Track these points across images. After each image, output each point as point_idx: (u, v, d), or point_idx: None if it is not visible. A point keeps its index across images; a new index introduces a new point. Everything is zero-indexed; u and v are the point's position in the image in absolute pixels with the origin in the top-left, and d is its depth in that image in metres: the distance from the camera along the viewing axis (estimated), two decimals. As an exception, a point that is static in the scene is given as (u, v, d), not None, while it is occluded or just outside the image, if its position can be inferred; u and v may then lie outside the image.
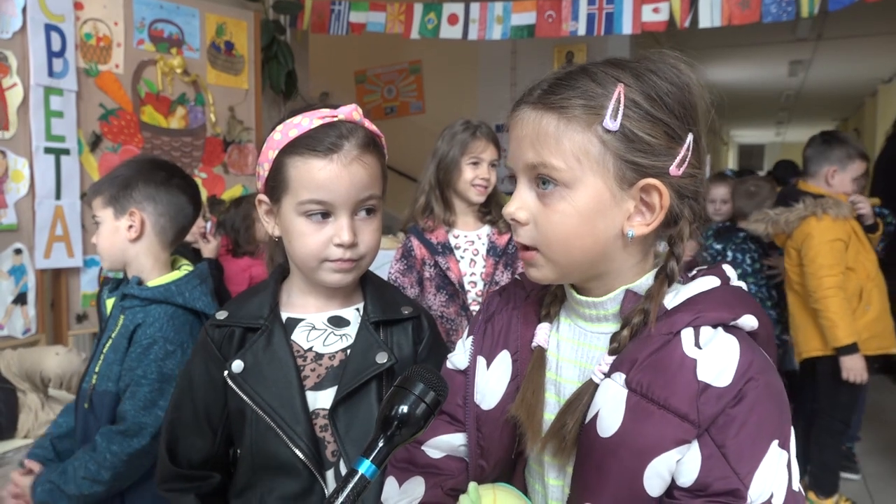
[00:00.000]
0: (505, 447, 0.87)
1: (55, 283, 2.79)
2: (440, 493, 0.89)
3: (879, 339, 2.73)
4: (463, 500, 0.79)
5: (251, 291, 1.13)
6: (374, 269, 1.11)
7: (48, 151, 2.70)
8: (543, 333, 0.85)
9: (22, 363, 2.21)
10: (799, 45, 6.65)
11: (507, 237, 2.09)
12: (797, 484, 0.73)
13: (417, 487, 0.90)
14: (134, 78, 3.03)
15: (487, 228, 2.13)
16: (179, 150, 3.21)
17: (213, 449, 1.08)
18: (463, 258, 2.09)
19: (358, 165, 0.99)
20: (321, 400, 1.03)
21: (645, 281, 0.79)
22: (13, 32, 2.60)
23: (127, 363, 1.37)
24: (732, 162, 15.29)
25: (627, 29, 3.39)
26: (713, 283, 0.78)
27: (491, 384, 0.87)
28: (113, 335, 1.42)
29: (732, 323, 0.73)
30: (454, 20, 3.70)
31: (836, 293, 2.59)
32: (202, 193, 2.37)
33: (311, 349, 1.05)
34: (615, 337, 0.77)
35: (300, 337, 1.06)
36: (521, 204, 0.78)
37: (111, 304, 1.49)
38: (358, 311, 1.09)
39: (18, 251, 2.63)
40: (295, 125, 1.00)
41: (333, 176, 0.97)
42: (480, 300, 2.06)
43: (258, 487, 1.03)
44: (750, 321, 0.74)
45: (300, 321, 1.07)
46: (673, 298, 0.77)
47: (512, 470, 0.90)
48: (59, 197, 2.74)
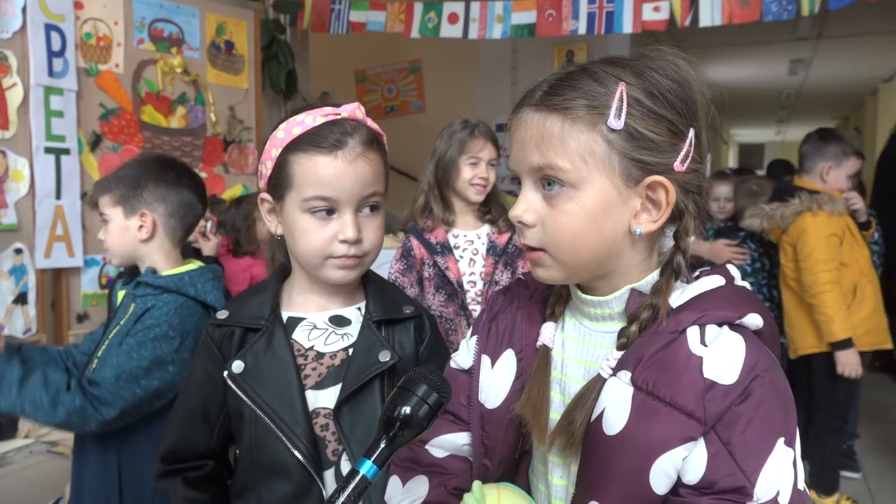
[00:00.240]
0: (509, 446, 0.87)
1: (55, 282, 2.79)
2: (444, 492, 0.89)
3: (874, 334, 2.74)
4: (467, 499, 0.79)
5: (252, 291, 1.12)
6: (374, 268, 1.11)
7: (48, 151, 2.70)
8: (549, 332, 0.85)
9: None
10: (799, 43, 6.66)
11: (506, 236, 2.09)
12: (802, 483, 0.73)
13: (421, 486, 0.90)
14: (134, 77, 3.03)
15: (487, 228, 2.12)
16: (179, 149, 3.21)
17: (209, 446, 1.08)
18: (462, 258, 2.08)
19: (362, 162, 0.99)
20: (322, 399, 1.03)
21: (650, 279, 0.79)
22: (13, 32, 2.60)
23: (126, 337, 1.36)
24: (733, 161, 15.28)
25: (628, 28, 3.39)
26: (718, 282, 0.78)
27: (495, 383, 0.87)
28: (122, 322, 1.42)
29: (738, 321, 0.73)
30: (454, 19, 3.70)
31: (831, 288, 2.59)
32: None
33: (311, 348, 1.05)
34: (623, 332, 0.77)
35: (301, 336, 1.06)
36: (527, 206, 0.78)
37: (122, 295, 1.50)
38: (359, 310, 1.09)
39: (19, 251, 2.63)
40: (298, 123, 1.00)
41: (338, 172, 0.97)
42: (480, 300, 2.06)
43: (258, 488, 1.03)
44: (755, 320, 0.74)
45: (301, 320, 1.07)
46: (678, 297, 0.77)
47: (516, 469, 0.90)
48: (59, 197, 2.74)
